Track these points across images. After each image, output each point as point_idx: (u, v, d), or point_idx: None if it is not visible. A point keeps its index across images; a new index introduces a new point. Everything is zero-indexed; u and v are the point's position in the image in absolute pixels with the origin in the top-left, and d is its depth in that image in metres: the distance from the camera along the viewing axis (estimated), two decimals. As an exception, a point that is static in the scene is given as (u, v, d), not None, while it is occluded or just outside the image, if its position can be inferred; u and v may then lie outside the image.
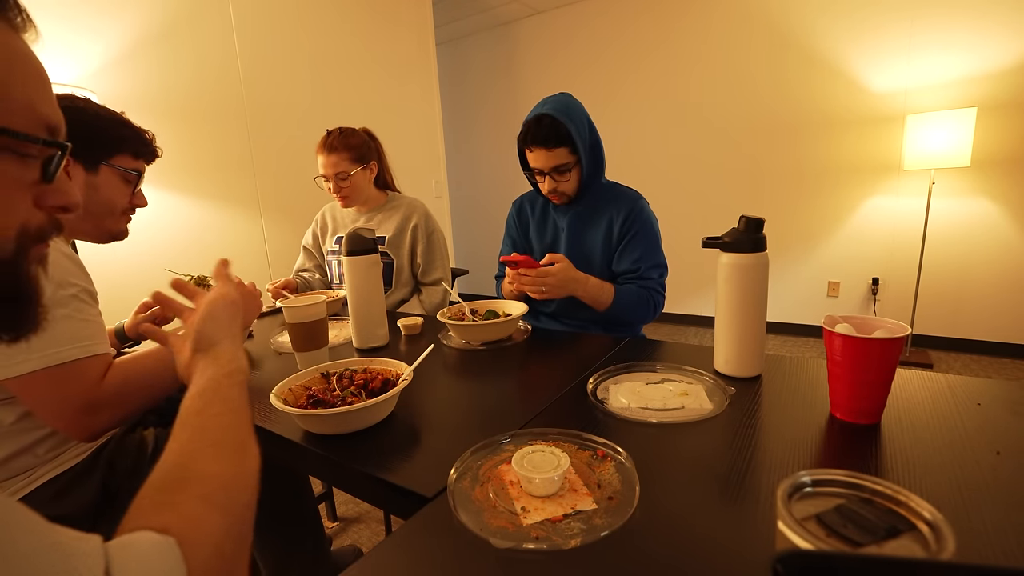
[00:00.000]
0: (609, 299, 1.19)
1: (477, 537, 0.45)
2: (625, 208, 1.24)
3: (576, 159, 1.21)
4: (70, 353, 0.69)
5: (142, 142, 0.95)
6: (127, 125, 0.94)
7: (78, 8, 1.72)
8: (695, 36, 3.36)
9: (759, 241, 0.75)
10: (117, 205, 0.92)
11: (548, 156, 1.19)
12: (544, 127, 1.17)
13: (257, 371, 0.98)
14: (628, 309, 1.21)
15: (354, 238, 1.04)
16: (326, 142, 1.48)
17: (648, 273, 1.22)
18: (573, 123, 1.17)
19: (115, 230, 0.95)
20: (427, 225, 1.57)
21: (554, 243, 1.37)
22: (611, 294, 1.20)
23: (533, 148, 1.20)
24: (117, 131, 0.91)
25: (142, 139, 0.96)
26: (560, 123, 1.16)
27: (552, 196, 1.28)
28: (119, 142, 0.91)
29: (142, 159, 0.96)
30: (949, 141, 2.42)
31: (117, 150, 0.91)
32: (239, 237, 2.24)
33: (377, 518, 1.67)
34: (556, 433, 0.61)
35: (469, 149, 4.61)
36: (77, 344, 0.70)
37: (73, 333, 0.70)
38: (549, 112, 1.17)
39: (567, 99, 1.22)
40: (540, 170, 1.22)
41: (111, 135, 0.90)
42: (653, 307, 1.24)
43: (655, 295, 1.23)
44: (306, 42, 2.45)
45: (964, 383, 0.71)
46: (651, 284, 1.23)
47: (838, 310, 3.17)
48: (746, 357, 0.78)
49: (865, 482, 0.35)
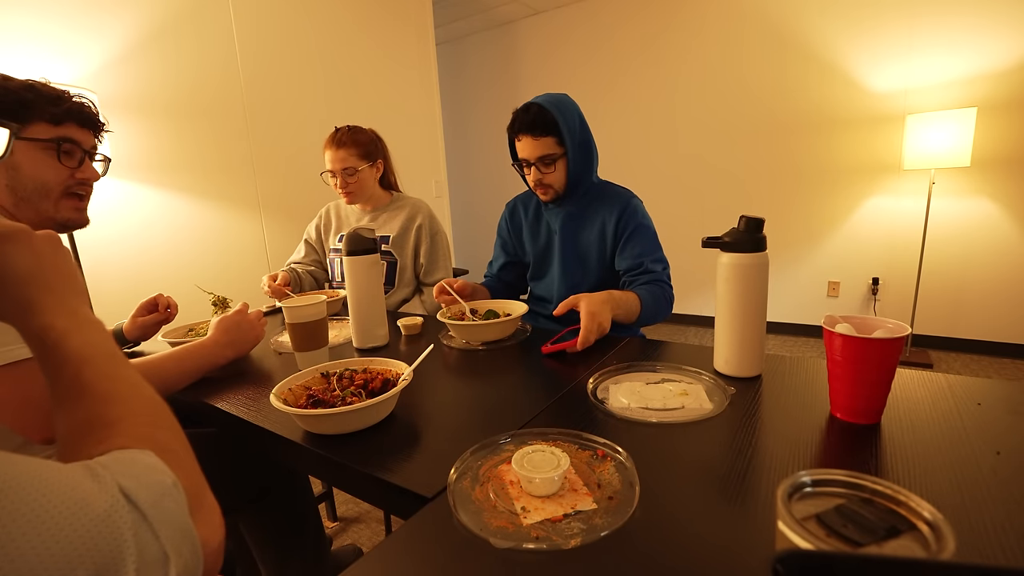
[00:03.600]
0: (636, 305, 1.10)
1: (477, 537, 0.45)
2: (618, 207, 1.23)
3: (563, 151, 1.20)
4: (21, 352, 0.63)
5: (54, 103, 0.78)
6: (31, 88, 0.77)
7: (78, 8, 1.72)
8: (695, 36, 3.36)
9: (759, 241, 0.75)
10: (51, 185, 0.79)
11: (535, 145, 1.18)
12: (531, 115, 1.17)
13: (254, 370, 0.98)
14: (654, 309, 1.13)
15: (354, 238, 1.04)
16: (335, 138, 1.48)
17: (652, 267, 1.20)
18: (562, 114, 1.17)
19: (58, 217, 0.81)
20: (431, 225, 1.57)
21: (548, 245, 1.35)
22: (635, 300, 1.11)
23: (520, 136, 1.20)
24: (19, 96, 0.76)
25: (59, 100, 0.79)
26: (548, 112, 1.16)
27: (538, 189, 1.26)
28: (24, 108, 0.76)
29: (68, 123, 0.80)
30: (949, 141, 2.42)
31: (26, 119, 0.76)
32: (239, 237, 2.24)
33: (377, 518, 1.67)
34: (556, 433, 0.61)
35: (469, 149, 4.61)
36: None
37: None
38: (538, 102, 1.18)
39: (561, 96, 1.22)
40: (527, 160, 1.21)
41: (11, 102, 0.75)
42: (668, 301, 1.19)
43: (666, 289, 1.19)
44: (306, 42, 2.45)
45: (964, 383, 0.71)
46: (658, 276, 1.19)
47: (838, 310, 3.17)
48: (746, 357, 0.77)
49: (865, 482, 0.35)
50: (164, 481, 0.34)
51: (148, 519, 0.31)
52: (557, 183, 1.24)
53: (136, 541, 0.29)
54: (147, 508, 0.31)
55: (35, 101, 0.77)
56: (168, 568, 0.31)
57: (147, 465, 0.34)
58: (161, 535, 0.31)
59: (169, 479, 0.34)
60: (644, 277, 1.19)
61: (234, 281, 2.16)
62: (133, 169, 1.89)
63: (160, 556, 0.31)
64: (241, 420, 0.75)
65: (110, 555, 0.28)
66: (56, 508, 0.27)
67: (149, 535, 0.30)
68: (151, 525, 0.31)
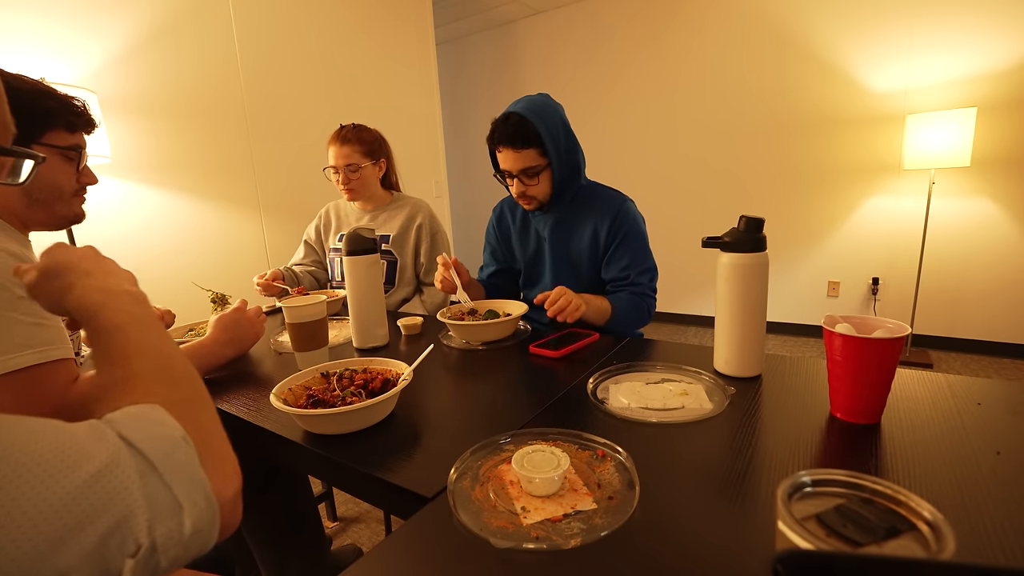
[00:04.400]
0: (608, 311, 1.13)
1: (477, 537, 0.45)
2: (611, 213, 1.19)
3: (547, 162, 1.14)
4: (23, 360, 0.63)
5: (73, 112, 0.82)
6: (51, 95, 0.80)
7: (78, 8, 1.72)
8: (695, 36, 3.36)
9: (759, 241, 0.75)
10: (64, 188, 0.82)
11: (516, 157, 1.13)
12: (511, 126, 1.11)
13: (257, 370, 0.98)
14: (625, 318, 1.15)
15: (354, 238, 1.04)
16: (340, 134, 1.49)
17: (638, 279, 1.18)
18: (544, 123, 1.11)
19: (70, 214, 0.85)
20: (432, 225, 1.57)
21: (537, 253, 1.32)
22: (607, 306, 1.13)
23: (501, 148, 1.14)
24: (42, 104, 0.78)
25: (72, 108, 0.83)
26: (528, 122, 1.10)
27: (521, 200, 1.21)
28: (47, 117, 0.79)
29: (79, 131, 0.84)
30: (949, 141, 2.42)
31: (47, 126, 0.79)
32: (239, 237, 2.24)
33: (377, 518, 1.67)
34: (556, 433, 0.61)
35: (469, 149, 4.61)
36: (30, 350, 0.64)
37: (26, 337, 0.64)
38: (518, 111, 1.11)
39: (542, 99, 1.16)
40: (509, 172, 1.16)
41: (36, 110, 0.77)
42: (647, 312, 1.20)
43: (647, 300, 1.19)
44: (306, 42, 2.45)
45: (964, 383, 0.71)
46: (641, 289, 1.19)
47: (838, 310, 3.17)
48: (746, 357, 0.77)
49: (865, 482, 0.35)
50: (172, 435, 0.34)
51: (158, 470, 0.31)
52: (541, 194, 1.19)
53: (145, 492, 0.30)
54: (157, 460, 0.32)
55: (57, 110, 0.80)
56: (182, 517, 0.31)
57: (155, 420, 0.35)
58: (173, 486, 0.32)
59: (178, 432, 0.35)
60: (628, 289, 1.19)
61: (234, 281, 2.16)
62: (133, 169, 1.89)
63: (173, 506, 0.31)
64: (241, 420, 0.75)
65: (118, 508, 0.28)
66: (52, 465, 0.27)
67: (159, 485, 0.31)
68: (161, 476, 0.31)
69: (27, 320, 0.65)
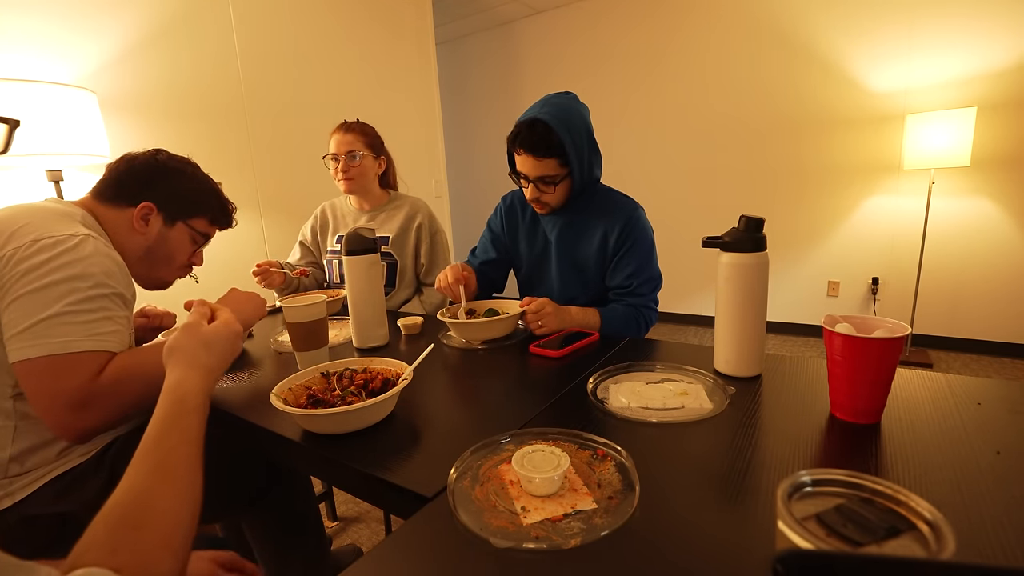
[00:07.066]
0: (596, 324, 1.12)
1: (477, 537, 0.45)
2: (621, 220, 1.17)
3: (566, 172, 1.13)
4: (78, 344, 0.70)
5: (223, 213, 1.02)
6: (216, 195, 1.01)
7: (77, 9, 1.72)
8: (695, 35, 3.36)
9: (759, 241, 0.75)
10: (176, 259, 0.98)
11: (536, 164, 1.11)
12: (536, 133, 1.08)
13: (257, 371, 0.98)
14: (615, 332, 1.12)
15: (354, 238, 1.04)
16: (344, 124, 1.52)
17: (640, 289, 1.17)
18: (570, 135, 1.09)
19: (164, 281, 1.00)
20: (431, 225, 1.57)
21: (543, 254, 1.30)
22: (596, 319, 1.12)
23: (521, 152, 1.12)
24: (206, 198, 0.98)
25: (224, 210, 1.03)
26: (554, 132, 1.08)
27: (534, 204, 1.21)
28: (202, 207, 0.98)
29: (216, 226, 1.02)
30: (949, 141, 2.42)
31: (198, 213, 0.97)
32: (239, 237, 2.23)
33: (377, 518, 1.67)
34: (556, 433, 0.61)
35: (469, 149, 4.61)
36: (89, 337, 0.71)
37: (91, 328, 0.72)
38: (545, 119, 1.08)
39: (569, 103, 1.13)
40: (526, 176, 1.15)
41: (199, 199, 0.97)
42: (645, 324, 1.19)
43: (645, 312, 1.18)
44: (306, 41, 2.45)
45: (964, 383, 0.71)
46: (642, 301, 1.18)
47: (838, 310, 3.17)
48: (746, 357, 0.78)
49: (865, 482, 0.35)
50: None
51: None
52: (555, 201, 1.18)
53: None
54: None
55: (214, 207, 1.00)
56: None
57: None
58: None
59: None
60: (627, 300, 1.18)
61: (235, 281, 2.15)
62: (133, 169, 1.89)
63: None
64: (242, 420, 0.75)
65: None
66: None
67: None
68: None
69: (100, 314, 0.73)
